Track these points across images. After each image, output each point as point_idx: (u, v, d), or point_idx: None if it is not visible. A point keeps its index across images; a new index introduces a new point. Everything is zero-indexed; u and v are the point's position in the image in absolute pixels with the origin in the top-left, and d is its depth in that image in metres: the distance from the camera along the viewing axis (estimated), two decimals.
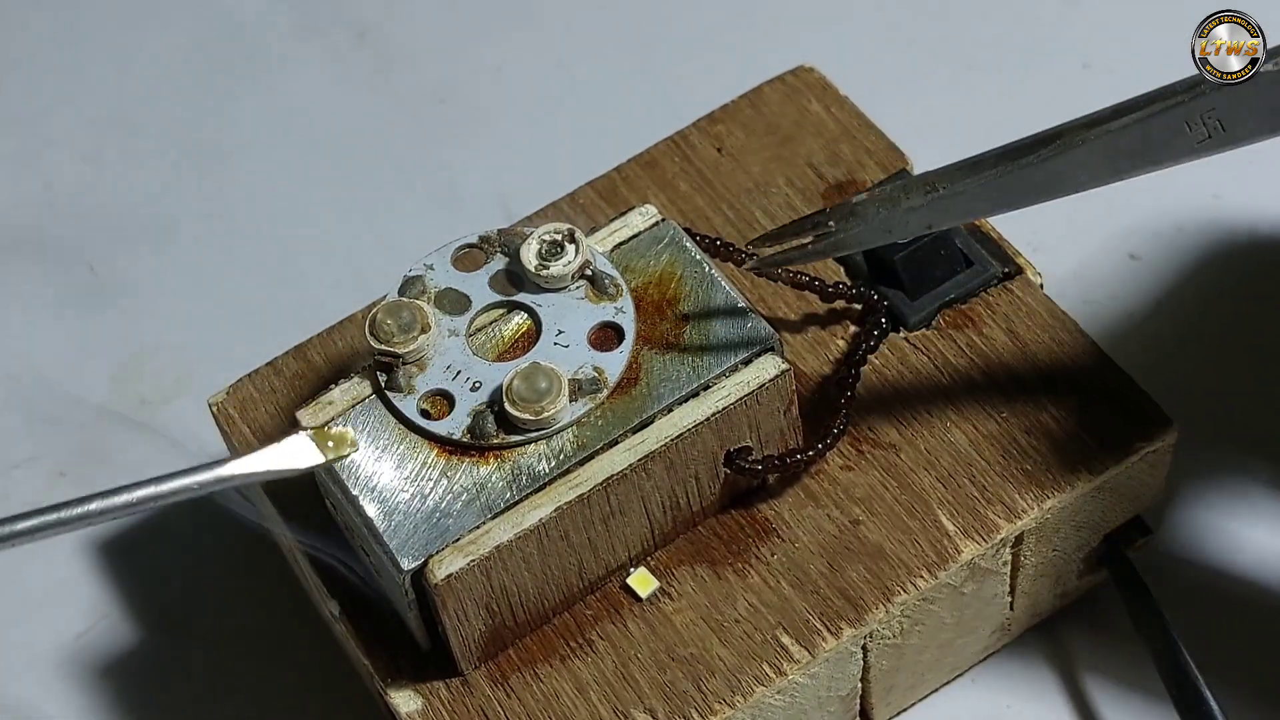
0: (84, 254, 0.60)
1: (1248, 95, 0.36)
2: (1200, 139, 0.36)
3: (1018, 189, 0.39)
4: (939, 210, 0.40)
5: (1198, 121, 0.36)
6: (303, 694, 0.50)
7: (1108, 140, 0.37)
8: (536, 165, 0.60)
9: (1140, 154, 0.37)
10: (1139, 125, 0.37)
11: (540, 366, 0.42)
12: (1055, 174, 0.38)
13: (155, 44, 0.65)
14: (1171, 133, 0.37)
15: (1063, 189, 0.38)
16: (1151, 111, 0.37)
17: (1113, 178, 0.38)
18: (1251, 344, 0.53)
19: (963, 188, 0.39)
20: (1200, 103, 0.36)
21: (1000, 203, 0.39)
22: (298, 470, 0.41)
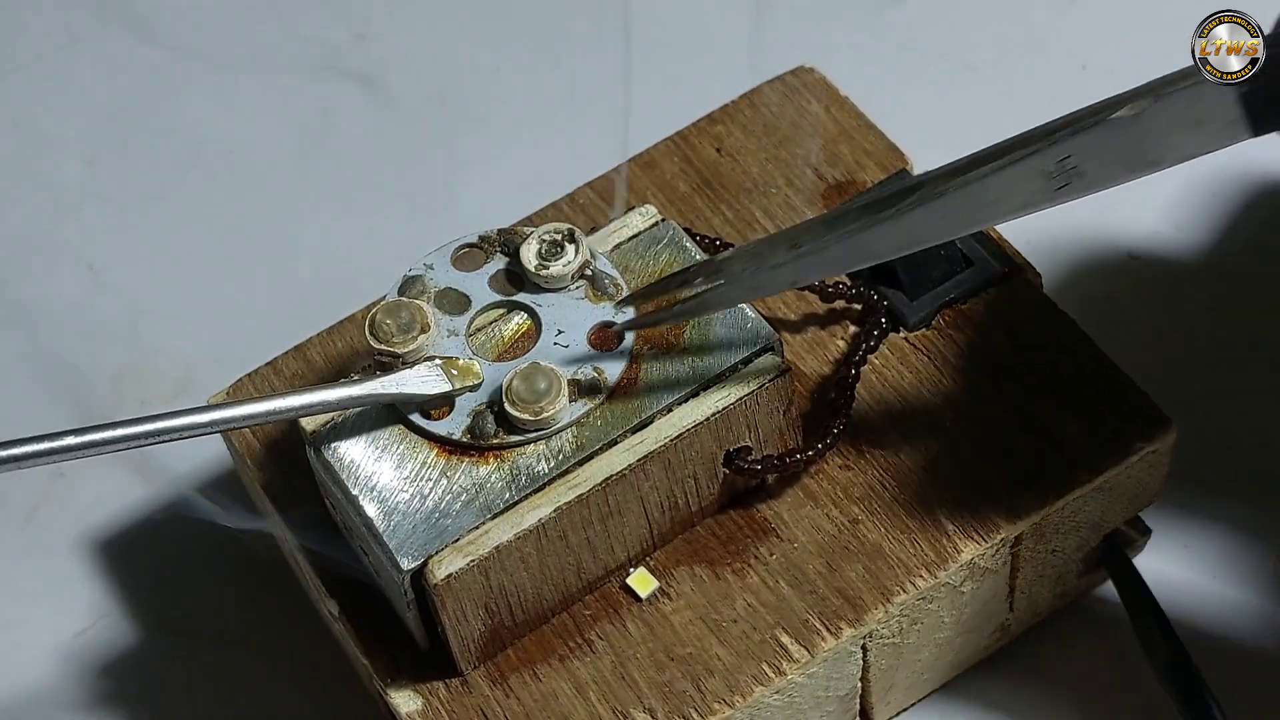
0: (84, 254, 0.60)
1: (1101, 141, 0.36)
2: (1059, 186, 0.37)
3: (879, 243, 0.39)
4: (803, 267, 0.40)
5: (1054, 169, 0.37)
6: (303, 694, 0.50)
7: (967, 192, 0.37)
8: (536, 165, 0.60)
9: (999, 203, 0.37)
10: (997, 175, 0.37)
11: (540, 367, 0.42)
12: (915, 227, 0.38)
13: (156, 44, 0.65)
14: (1029, 181, 0.37)
15: (924, 240, 0.38)
16: (1009, 161, 0.37)
17: (973, 228, 0.38)
18: (1251, 344, 0.53)
19: (825, 244, 0.39)
20: (1056, 150, 0.36)
21: (863, 256, 0.39)
22: (426, 396, 0.42)
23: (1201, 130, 0.36)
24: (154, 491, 0.53)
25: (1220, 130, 0.35)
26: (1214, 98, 0.35)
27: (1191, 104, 0.35)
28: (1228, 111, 0.35)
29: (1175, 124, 0.36)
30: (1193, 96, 0.35)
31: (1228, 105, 0.35)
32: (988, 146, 0.37)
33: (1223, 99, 0.35)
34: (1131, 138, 0.36)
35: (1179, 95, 0.36)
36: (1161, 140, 0.36)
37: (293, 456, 0.45)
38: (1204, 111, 0.35)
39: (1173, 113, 0.36)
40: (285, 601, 0.51)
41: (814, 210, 0.49)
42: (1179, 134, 0.36)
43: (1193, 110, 0.35)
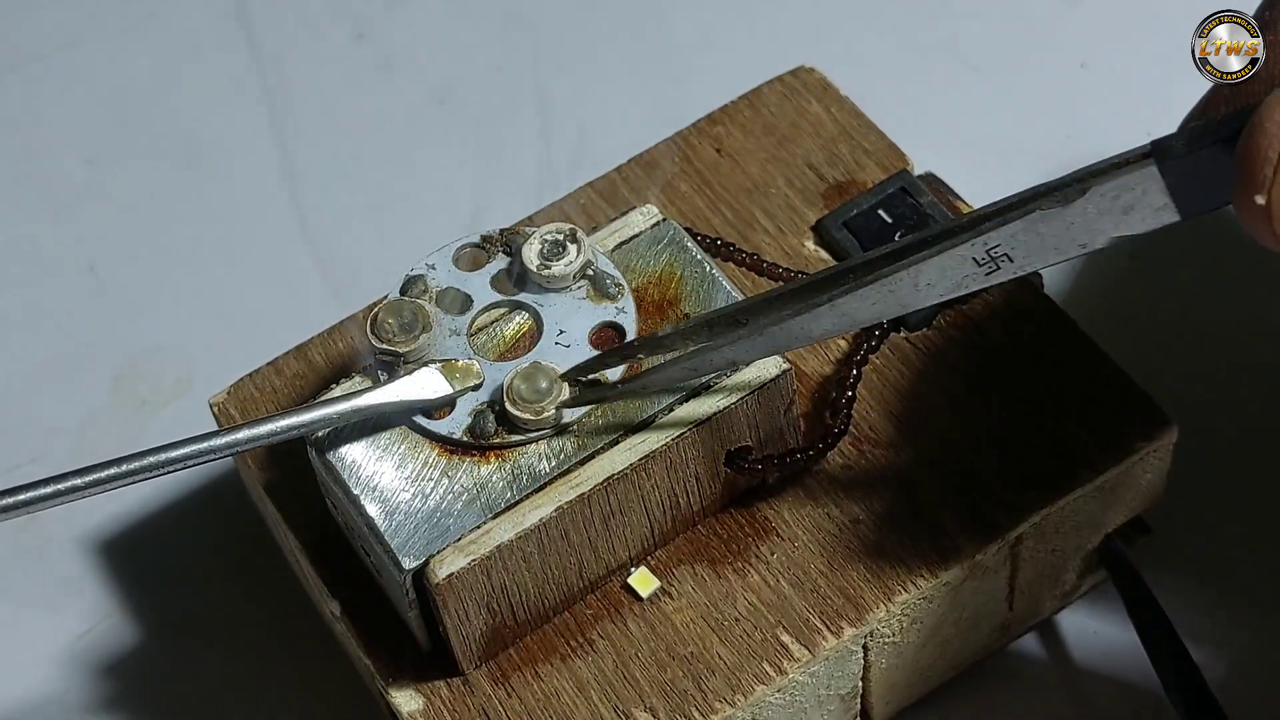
0: (84, 254, 0.60)
1: (1028, 231, 0.37)
2: (989, 271, 0.38)
3: (815, 326, 0.40)
4: (742, 349, 0.41)
5: (984, 256, 0.37)
6: (303, 694, 0.50)
7: (899, 278, 0.38)
8: (536, 165, 0.60)
9: (932, 287, 0.38)
10: (928, 263, 0.38)
11: (540, 366, 0.42)
12: (851, 311, 0.39)
13: (155, 44, 0.65)
14: (960, 267, 0.38)
15: (860, 322, 0.39)
16: (939, 250, 0.38)
17: (907, 310, 0.39)
18: (1251, 344, 0.53)
19: (762, 328, 0.40)
20: (984, 240, 0.37)
21: (801, 338, 0.40)
22: (429, 401, 0.42)
23: (1131, 216, 0.36)
24: (154, 492, 0.53)
25: (1149, 215, 0.36)
26: (1141, 187, 0.36)
27: (1120, 194, 0.36)
28: (1155, 200, 0.36)
29: (1104, 212, 0.36)
30: (1120, 186, 0.36)
31: (1155, 194, 0.36)
32: (918, 233, 0.38)
33: (1150, 189, 0.36)
34: (1060, 226, 0.37)
35: (1106, 185, 0.36)
36: (1091, 227, 0.36)
37: (294, 456, 0.45)
38: (1132, 200, 0.36)
39: (1100, 203, 0.36)
40: (286, 601, 0.51)
41: (813, 210, 0.49)
42: (1108, 221, 0.36)
43: (1121, 200, 0.36)
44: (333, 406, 0.41)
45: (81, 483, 0.39)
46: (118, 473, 0.40)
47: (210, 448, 0.40)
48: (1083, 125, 0.59)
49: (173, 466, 0.40)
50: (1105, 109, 0.59)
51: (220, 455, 0.41)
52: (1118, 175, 0.36)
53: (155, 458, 0.40)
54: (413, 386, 0.42)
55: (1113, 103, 0.59)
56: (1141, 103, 0.57)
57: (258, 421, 0.41)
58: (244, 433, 0.41)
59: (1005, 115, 0.60)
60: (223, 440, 0.41)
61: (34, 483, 0.39)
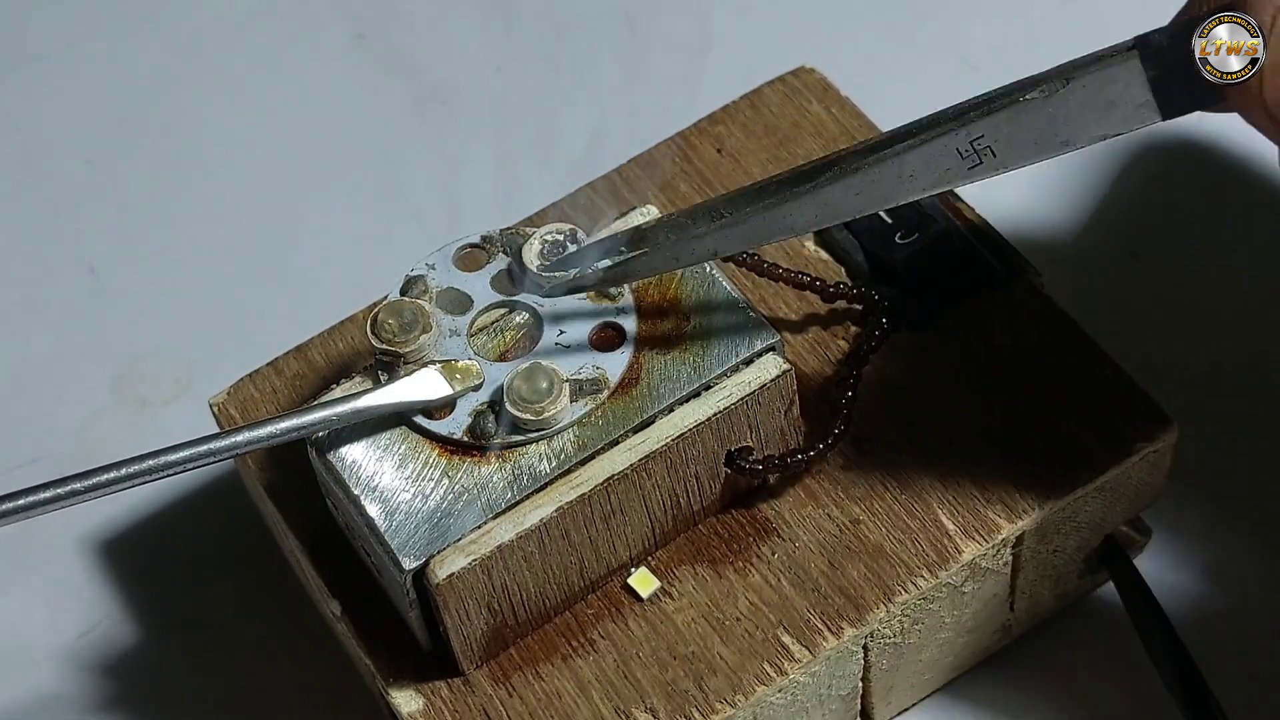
0: (84, 254, 0.60)
1: (1012, 121, 0.37)
2: (972, 165, 0.38)
3: (797, 216, 0.40)
4: (724, 237, 0.41)
5: (967, 148, 0.37)
6: (303, 694, 0.50)
7: (882, 168, 0.38)
8: (536, 165, 0.60)
9: (915, 179, 0.38)
10: (911, 153, 0.38)
11: (541, 366, 0.42)
12: (832, 200, 0.39)
13: (155, 44, 0.65)
14: (943, 159, 0.38)
15: (841, 214, 0.39)
16: (923, 140, 0.38)
17: (890, 203, 0.39)
18: (1251, 344, 0.53)
19: (745, 215, 0.40)
20: (968, 130, 0.37)
21: (782, 229, 0.40)
22: (429, 402, 0.42)
23: (1112, 113, 0.36)
24: (154, 492, 0.53)
25: (1130, 113, 0.36)
26: (1124, 81, 0.36)
27: (1102, 87, 0.36)
28: (1137, 95, 0.36)
29: (1086, 106, 0.36)
30: (1103, 79, 0.36)
31: (1137, 89, 0.36)
32: (903, 125, 0.38)
33: (1132, 83, 0.36)
34: (1043, 119, 0.37)
35: (1090, 78, 0.36)
36: (1073, 122, 0.37)
37: (294, 456, 0.45)
38: (1115, 95, 0.36)
39: (1083, 95, 0.36)
40: (286, 601, 0.51)
41: None
42: (1090, 116, 0.36)
43: (1103, 93, 0.36)
44: (332, 408, 0.42)
45: (81, 486, 0.39)
46: (118, 476, 0.40)
47: (210, 450, 0.41)
48: None
49: (173, 470, 0.40)
50: None
51: (220, 458, 0.41)
52: (1101, 67, 0.36)
53: (155, 461, 0.40)
54: (413, 387, 0.42)
55: None
56: None
57: (258, 424, 0.41)
58: (244, 435, 0.41)
59: None
60: (223, 443, 0.41)
61: (34, 487, 0.39)
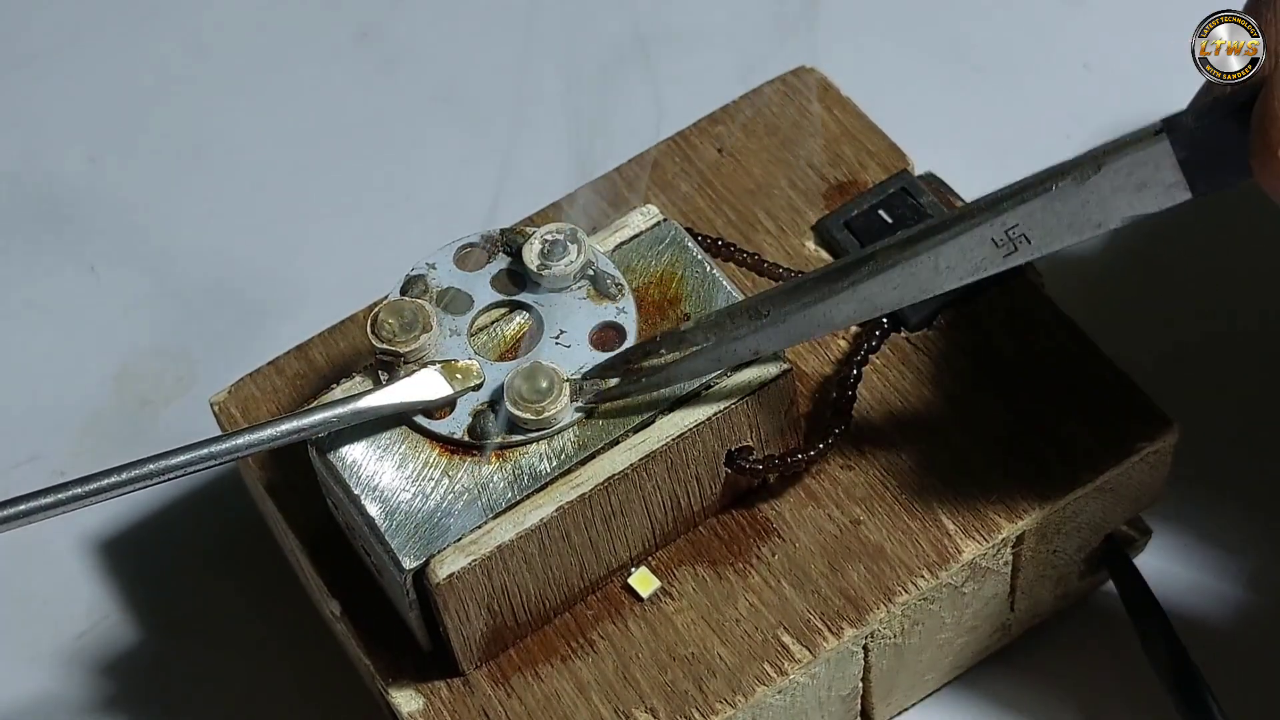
0: (84, 254, 0.60)
1: (1046, 209, 0.37)
2: (1007, 253, 0.38)
3: (836, 312, 0.40)
4: (764, 338, 0.41)
5: (1003, 237, 0.38)
6: (303, 694, 0.50)
7: (919, 261, 0.39)
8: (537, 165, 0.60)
9: (951, 270, 0.39)
10: (947, 245, 0.38)
11: (541, 366, 0.42)
12: (871, 296, 0.40)
13: (155, 44, 0.65)
14: (978, 249, 0.38)
15: (881, 308, 0.40)
16: (958, 231, 0.38)
17: (927, 294, 0.39)
18: (1251, 344, 0.53)
19: (785, 315, 0.41)
20: (1003, 220, 0.38)
21: (822, 325, 0.40)
22: (429, 403, 0.42)
23: (1144, 194, 0.37)
24: (154, 492, 0.53)
25: (1162, 193, 0.37)
26: (1154, 163, 0.37)
27: (1133, 170, 0.37)
28: (1167, 176, 0.37)
29: (1118, 190, 0.37)
30: (1134, 163, 0.37)
31: (1167, 170, 0.36)
32: (936, 218, 0.39)
33: (1162, 164, 0.36)
34: (1075, 204, 0.37)
35: (1121, 162, 0.37)
36: (1106, 205, 0.37)
37: (294, 456, 0.45)
38: (1146, 176, 0.37)
39: (1115, 180, 0.37)
40: (285, 601, 0.51)
41: (815, 210, 0.49)
42: (1122, 198, 0.37)
43: (1134, 176, 0.37)
44: (333, 410, 0.42)
45: (83, 491, 0.40)
46: (119, 480, 0.40)
47: (211, 453, 0.41)
48: (1085, 126, 0.59)
49: (174, 473, 0.40)
50: (1107, 109, 0.59)
51: (222, 461, 0.41)
52: (1131, 151, 0.37)
53: (156, 464, 0.40)
54: (413, 388, 0.42)
55: (1115, 103, 0.59)
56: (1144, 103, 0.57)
57: (258, 426, 0.41)
58: (245, 438, 0.41)
59: (1007, 116, 0.60)
60: (224, 445, 0.41)
61: (35, 492, 0.39)
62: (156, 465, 0.40)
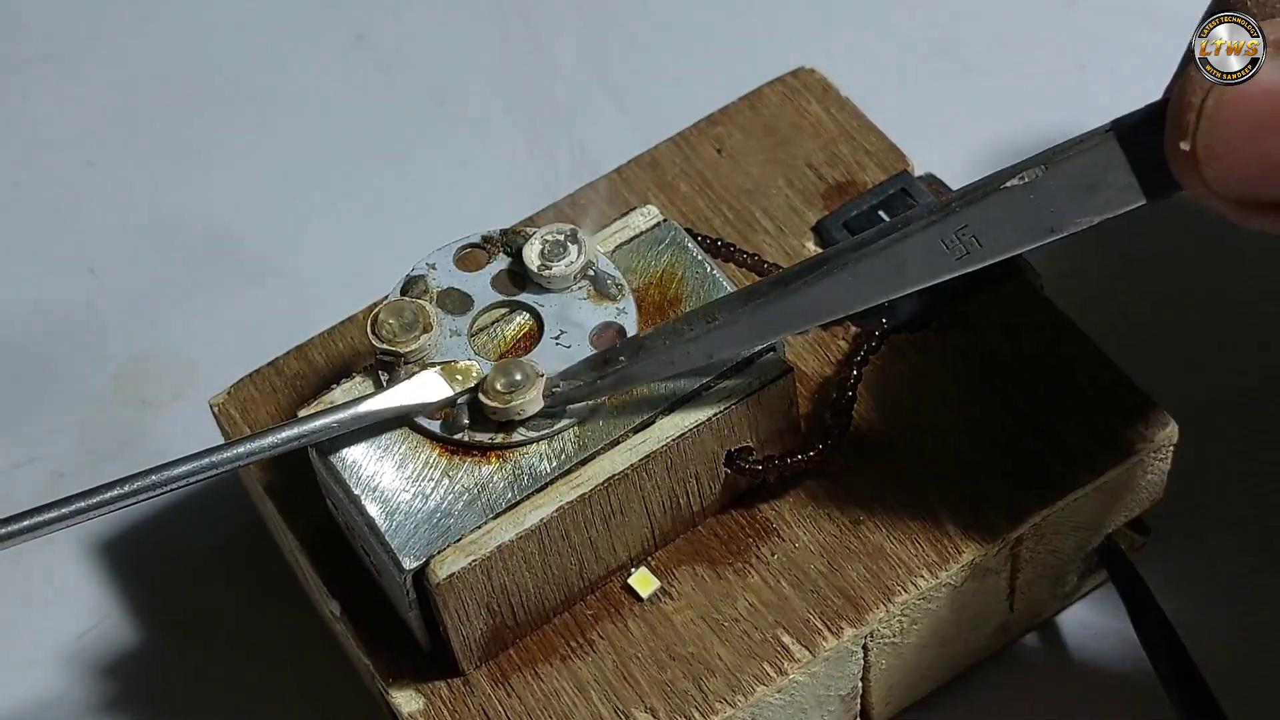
0: (84, 254, 0.60)
1: (995, 210, 0.37)
2: (959, 255, 0.37)
3: (788, 314, 0.40)
4: (716, 341, 0.41)
5: (953, 239, 0.37)
6: (303, 694, 0.50)
7: (870, 263, 0.38)
8: (537, 165, 0.60)
9: (903, 274, 0.38)
10: (897, 246, 0.38)
11: (519, 361, 0.42)
12: (823, 298, 0.39)
13: (155, 44, 0.65)
14: (929, 252, 0.37)
15: (833, 311, 0.39)
16: (907, 233, 0.38)
17: (881, 298, 0.39)
18: (1251, 344, 0.53)
19: (738, 317, 0.40)
20: (952, 220, 0.37)
21: (776, 328, 0.40)
22: (430, 405, 0.42)
23: (1096, 196, 0.36)
24: None
25: (1115, 196, 0.36)
26: (1104, 164, 0.35)
27: (1084, 170, 0.36)
28: (1120, 177, 0.36)
29: (1069, 190, 0.36)
30: (1085, 163, 0.36)
31: (1118, 171, 0.35)
32: (889, 220, 0.38)
33: (1112, 165, 0.35)
34: (1026, 205, 0.36)
35: (1071, 162, 0.36)
36: (1057, 207, 0.36)
37: (294, 456, 0.45)
38: (1095, 178, 0.36)
39: (1065, 180, 0.36)
40: (285, 601, 0.51)
41: (814, 211, 0.49)
42: (1072, 201, 0.36)
43: (1085, 177, 0.36)
44: (333, 415, 0.41)
45: (85, 505, 0.40)
46: (120, 494, 0.40)
47: (212, 463, 0.41)
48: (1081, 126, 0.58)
49: (176, 484, 0.40)
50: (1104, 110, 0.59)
51: (223, 470, 0.41)
52: (1079, 151, 0.36)
53: (158, 476, 0.40)
54: (413, 390, 0.42)
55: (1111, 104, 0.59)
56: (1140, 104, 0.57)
57: (259, 434, 0.41)
58: (245, 446, 0.41)
59: (1004, 116, 0.60)
60: (225, 455, 0.41)
61: (38, 508, 0.39)
62: (159, 476, 0.40)
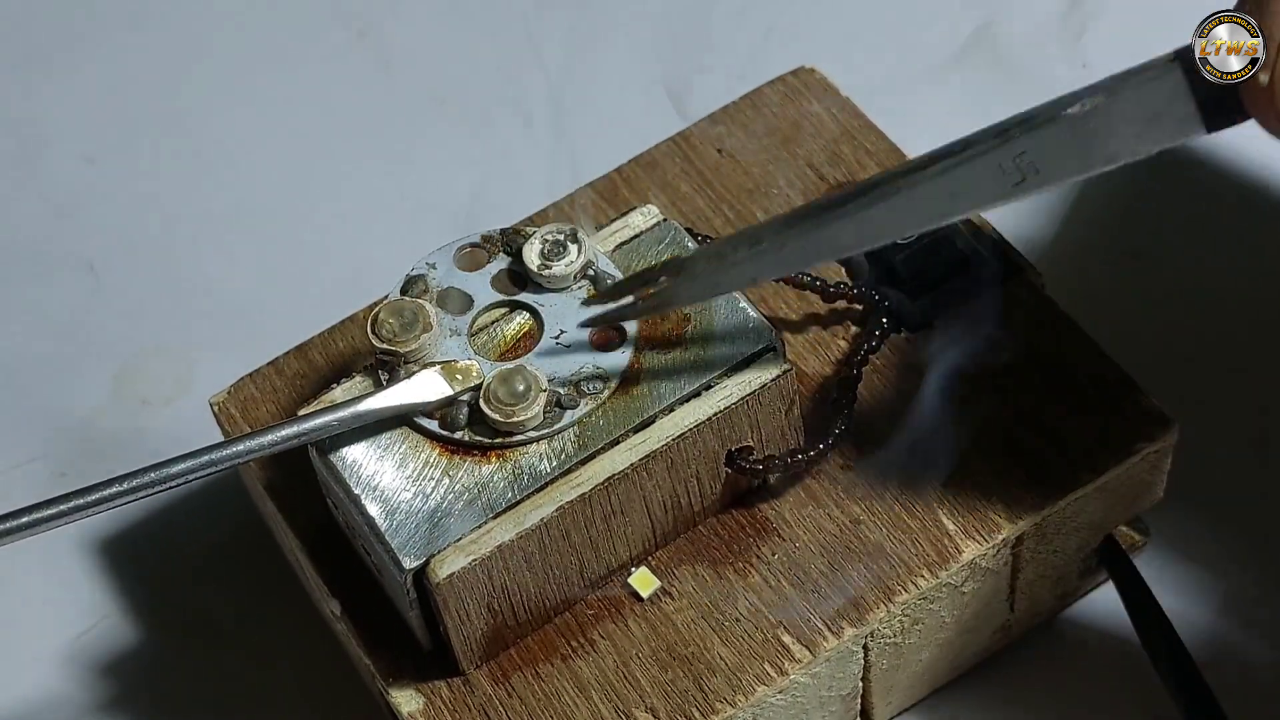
0: (84, 254, 0.60)
1: (1055, 137, 0.37)
2: (1015, 181, 0.37)
3: (837, 239, 0.39)
4: (763, 264, 0.40)
5: (1011, 165, 0.37)
6: (303, 694, 0.50)
7: (925, 187, 0.38)
8: (537, 164, 0.60)
9: (957, 199, 0.38)
10: (953, 171, 0.37)
11: (523, 370, 0.42)
12: (873, 222, 0.38)
13: (155, 44, 0.65)
14: (986, 177, 0.37)
15: (883, 236, 0.39)
16: (966, 158, 0.37)
17: (932, 224, 0.38)
18: (1252, 344, 0.53)
19: (783, 240, 0.39)
20: (1011, 146, 0.37)
21: (822, 253, 0.39)
22: (429, 404, 0.42)
23: (1156, 126, 0.36)
24: None
25: (1175, 126, 0.36)
26: (1168, 93, 0.35)
27: (1146, 99, 0.36)
28: (1182, 107, 0.35)
29: (1129, 119, 0.36)
30: (1147, 92, 0.36)
31: (1182, 100, 0.35)
32: (944, 145, 0.38)
33: (1177, 94, 0.35)
34: (1086, 133, 0.36)
35: (1133, 90, 0.36)
36: (1116, 135, 0.36)
37: (294, 455, 0.45)
38: (1158, 106, 0.36)
39: (1126, 108, 0.36)
40: (285, 601, 0.51)
41: None
42: (1133, 129, 0.36)
43: (1147, 105, 0.36)
44: (334, 414, 0.41)
45: (84, 502, 0.40)
46: (119, 491, 0.40)
47: (212, 460, 0.41)
48: None
49: (175, 482, 0.40)
50: None
51: (222, 468, 0.41)
52: (1143, 79, 0.36)
53: (157, 473, 0.40)
54: (414, 389, 0.42)
55: None
56: None
57: (259, 432, 0.41)
58: (245, 444, 0.41)
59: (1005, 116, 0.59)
60: (224, 452, 0.41)
61: (37, 504, 0.39)
62: (158, 474, 0.40)
